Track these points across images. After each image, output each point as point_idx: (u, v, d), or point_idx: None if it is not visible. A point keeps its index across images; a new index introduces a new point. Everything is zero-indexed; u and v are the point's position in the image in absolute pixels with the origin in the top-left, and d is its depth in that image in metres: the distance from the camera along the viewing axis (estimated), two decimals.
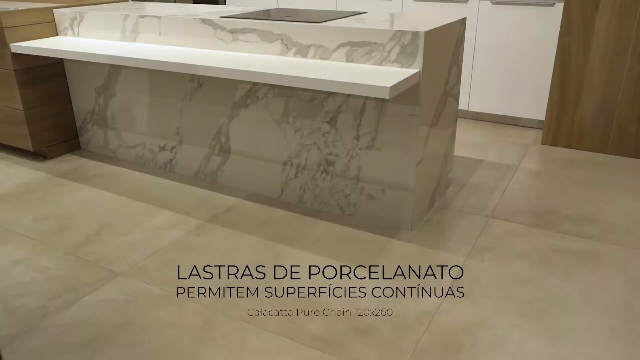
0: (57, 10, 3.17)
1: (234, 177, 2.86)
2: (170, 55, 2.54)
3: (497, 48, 3.66)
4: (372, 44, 2.19)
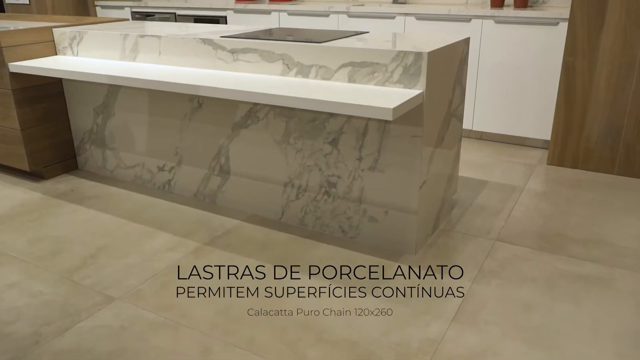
0: (56, 29, 3.19)
1: (234, 199, 2.84)
2: (170, 75, 2.54)
3: (501, 67, 3.66)
4: (374, 64, 2.19)
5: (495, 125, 3.82)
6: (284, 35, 2.67)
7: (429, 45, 2.24)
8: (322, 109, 2.01)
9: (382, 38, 2.54)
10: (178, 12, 4.93)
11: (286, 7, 4.34)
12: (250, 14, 4.52)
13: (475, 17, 3.64)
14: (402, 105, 1.95)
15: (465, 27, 3.69)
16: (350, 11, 4.06)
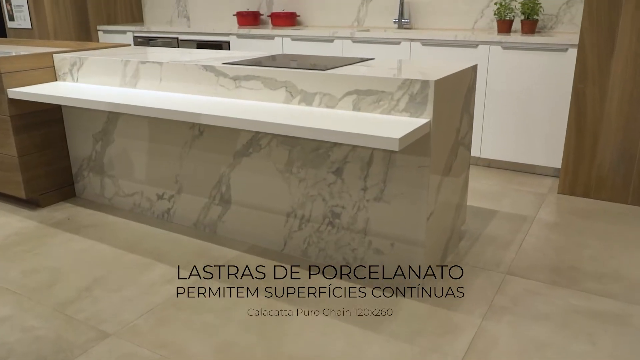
0: (57, 55, 3.20)
1: (235, 229, 2.81)
2: (171, 102, 2.53)
3: (509, 93, 3.65)
4: (380, 92, 2.17)
5: (503, 153, 3.78)
6: (288, 62, 2.66)
7: (435, 73, 2.22)
8: (326, 139, 1.99)
9: (387, 65, 2.52)
10: (181, 36, 4.96)
11: (290, 32, 4.36)
12: (253, 39, 4.54)
13: (482, 42, 3.64)
14: (408, 135, 1.92)
15: (472, 53, 3.69)
16: (355, 36, 4.08)
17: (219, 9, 5.40)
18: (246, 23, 4.95)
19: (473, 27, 4.19)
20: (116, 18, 5.69)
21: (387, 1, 4.50)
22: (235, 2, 5.27)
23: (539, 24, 3.90)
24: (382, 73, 2.25)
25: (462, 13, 4.21)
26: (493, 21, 4.09)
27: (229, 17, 5.29)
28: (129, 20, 5.83)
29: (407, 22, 4.41)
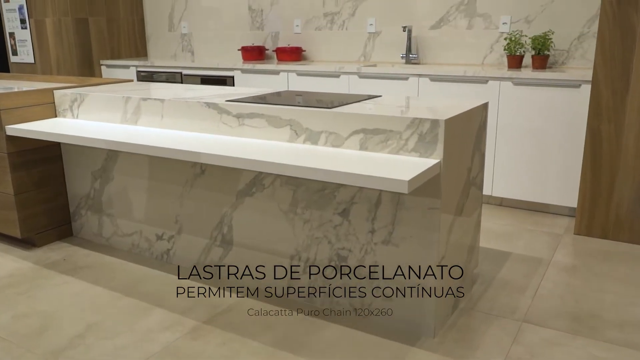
0: (57, 91, 3.20)
1: (237, 272, 2.74)
2: (172, 140, 2.50)
3: (520, 130, 3.61)
4: (388, 131, 2.13)
5: (516, 191, 3.73)
6: (293, 99, 2.64)
7: (445, 111, 2.19)
8: (332, 180, 1.94)
9: (395, 103, 2.50)
10: (184, 71, 4.98)
11: (295, 68, 4.36)
12: (258, 74, 4.55)
13: (493, 78, 3.63)
14: (418, 176, 1.87)
15: (482, 89, 3.67)
16: (362, 72, 4.07)
17: (223, 43, 5.45)
18: (251, 58, 4.98)
19: (482, 62, 4.19)
20: (120, 52, 5.75)
21: (394, 36, 4.52)
22: (240, 37, 5.31)
23: (550, 59, 3.89)
24: (390, 111, 2.22)
25: (471, 48, 4.21)
26: (503, 56, 4.09)
27: (234, 52, 5.33)
28: (133, 55, 5.88)
29: (415, 57, 4.41)
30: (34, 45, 5.58)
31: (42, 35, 5.48)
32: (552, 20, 3.87)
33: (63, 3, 5.23)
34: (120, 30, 5.73)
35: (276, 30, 5.11)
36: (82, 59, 5.40)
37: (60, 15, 5.28)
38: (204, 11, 5.53)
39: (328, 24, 4.81)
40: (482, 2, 4.10)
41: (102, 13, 5.52)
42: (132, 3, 5.80)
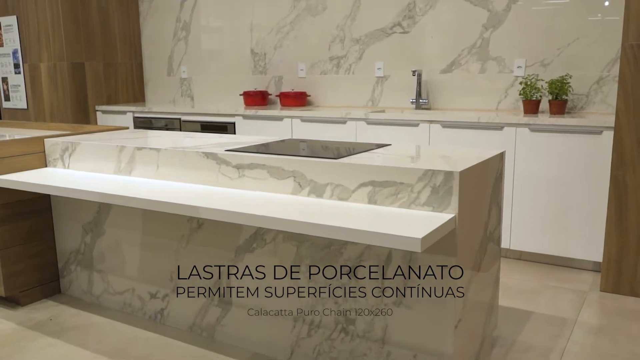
0: (48, 140, 3.19)
1: (236, 334, 2.67)
2: (168, 192, 2.47)
3: (539, 179, 3.57)
4: (398, 184, 2.09)
5: (536, 244, 3.66)
6: (296, 148, 2.62)
7: (460, 162, 2.16)
8: (339, 237, 1.90)
9: (406, 152, 2.47)
10: (183, 117, 5.01)
11: (299, 113, 4.38)
12: (260, 120, 4.57)
13: (508, 125, 3.62)
14: (432, 233, 1.83)
15: (497, 136, 3.65)
16: (370, 118, 4.08)
17: (224, 88, 5.50)
18: (253, 103, 5.01)
19: (497, 107, 4.19)
20: (117, 98, 5.80)
21: (403, 80, 4.54)
22: (242, 81, 5.36)
23: (568, 104, 3.88)
24: (401, 162, 2.19)
25: (485, 92, 4.22)
26: (518, 101, 4.09)
27: (235, 97, 5.37)
28: (130, 100, 5.94)
29: (426, 102, 4.42)
30: (27, 90, 5.65)
31: (36, 80, 5.55)
32: (569, 63, 3.88)
33: (59, 47, 5.32)
34: (118, 74, 5.80)
35: (280, 75, 5.16)
36: (77, 105, 5.45)
37: (56, 59, 5.36)
38: (205, 55, 5.61)
39: (334, 68, 4.85)
40: (495, 45, 4.14)
41: (99, 57, 5.61)
42: (131, 47, 5.90)
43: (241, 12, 5.28)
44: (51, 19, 5.29)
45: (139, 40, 5.95)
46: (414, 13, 4.41)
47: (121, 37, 5.79)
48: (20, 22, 5.51)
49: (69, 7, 5.29)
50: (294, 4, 4.96)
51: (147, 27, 5.92)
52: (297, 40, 5.01)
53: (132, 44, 5.90)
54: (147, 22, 5.91)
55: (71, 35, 5.33)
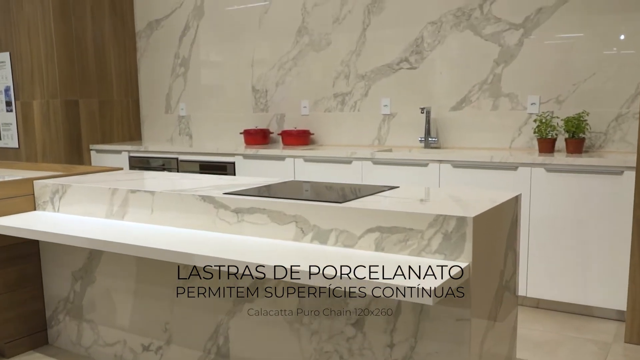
0: (37, 181, 3.18)
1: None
2: (162, 238, 2.44)
3: (556, 222, 3.53)
4: (407, 230, 2.05)
5: (554, 292, 3.59)
6: (299, 190, 2.60)
7: (473, 206, 2.12)
8: (344, 287, 1.85)
9: (415, 195, 2.44)
10: (181, 157, 5.01)
11: (302, 153, 4.37)
12: (261, 160, 4.56)
13: (523, 164, 3.59)
14: (444, 284, 1.78)
15: (511, 177, 3.62)
16: (376, 157, 4.06)
17: (224, 126, 5.52)
18: (254, 142, 5.01)
19: (510, 146, 4.17)
20: (112, 136, 5.82)
21: (411, 117, 4.54)
22: (243, 119, 5.38)
23: (586, 142, 3.86)
24: (410, 206, 2.15)
25: (497, 130, 4.21)
26: (533, 139, 4.07)
27: (236, 136, 5.38)
28: (126, 139, 5.96)
29: (435, 140, 4.41)
30: (19, 129, 5.67)
31: (28, 118, 5.58)
32: (585, 100, 3.87)
33: (52, 84, 5.36)
34: (113, 112, 5.84)
35: (282, 112, 5.17)
36: (70, 144, 5.47)
37: (49, 97, 5.40)
38: (204, 92, 5.64)
39: (338, 105, 4.86)
40: (507, 81, 4.14)
41: (94, 94, 5.65)
42: (127, 83, 5.95)
43: (242, 47, 5.33)
44: (45, 56, 5.34)
45: (135, 76, 6.00)
46: (422, 48, 4.44)
47: (117, 74, 5.84)
48: (13, 59, 5.57)
49: (63, 44, 5.35)
50: (296, 39, 5.00)
51: (145, 63, 5.98)
52: (300, 76, 5.04)
53: (128, 80, 5.95)
54: (144, 58, 5.97)
55: (65, 72, 5.38)
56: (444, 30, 4.34)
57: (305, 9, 4.94)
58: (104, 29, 5.70)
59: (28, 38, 5.44)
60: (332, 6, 4.80)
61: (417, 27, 4.44)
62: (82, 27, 5.51)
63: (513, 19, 4.08)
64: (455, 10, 4.28)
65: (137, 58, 6.00)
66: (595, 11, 3.81)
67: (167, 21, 5.77)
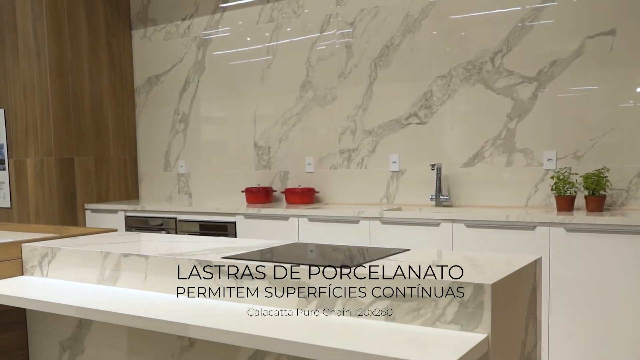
0: (25, 245, 3.12)
1: None
2: (156, 307, 2.37)
3: (578, 286, 3.44)
4: (420, 298, 1.97)
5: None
6: (302, 253, 2.54)
7: (490, 271, 2.05)
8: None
9: (427, 258, 2.37)
10: (180, 216, 4.97)
11: (307, 212, 4.32)
12: (264, 220, 4.51)
13: (541, 224, 3.53)
14: (462, 358, 1.69)
15: (529, 237, 3.55)
16: (385, 217, 4.01)
17: (225, 184, 5.50)
18: (256, 201, 4.97)
19: (526, 204, 4.12)
20: (108, 195, 5.80)
21: (421, 174, 4.50)
22: (245, 177, 5.36)
23: (607, 199, 3.80)
24: (422, 272, 2.08)
25: (512, 187, 4.16)
26: (550, 197, 4.01)
27: (237, 194, 5.34)
28: (123, 197, 5.94)
29: (447, 198, 4.36)
30: (11, 188, 5.66)
31: (22, 177, 5.57)
32: (605, 155, 3.84)
33: (47, 142, 5.37)
34: (110, 170, 5.83)
35: (285, 169, 5.15)
36: (65, 203, 5.44)
37: (44, 155, 5.40)
38: (205, 148, 5.65)
39: (345, 161, 4.84)
40: (521, 136, 4.12)
41: (90, 152, 5.65)
42: (125, 140, 5.97)
43: (244, 102, 5.36)
44: (40, 113, 5.38)
45: (134, 133, 6.03)
46: (431, 102, 4.43)
47: (115, 131, 5.86)
48: (7, 116, 5.60)
49: (59, 100, 5.40)
50: (300, 93, 5.03)
51: (143, 120, 6.01)
52: (305, 132, 5.03)
53: (126, 137, 5.97)
54: (143, 114, 6.01)
55: (61, 129, 5.41)
56: (454, 84, 4.34)
57: (310, 63, 4.98)
58: (102, 86, 5.76)
59: (24, 95, 5.49)
60: (337, 60, 4.84)
61: (426, 80, 4.45)
62: (80, 83, 5.57)
63: (526, 72, 4.08)
64: (465, 64, 4.30)
65: (136, 114, 6.04)
66: (610, 64, 3.82)
67: (167, 76, 5.83)
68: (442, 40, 4.41)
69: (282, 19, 5.14)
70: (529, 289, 2.26)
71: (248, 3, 5.31)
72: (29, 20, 5.36)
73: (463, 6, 4.31)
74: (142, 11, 5.99)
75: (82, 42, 5.62)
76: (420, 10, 4.47)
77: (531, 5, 4.06)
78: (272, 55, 5.19)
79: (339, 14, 4.85)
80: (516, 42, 4.12)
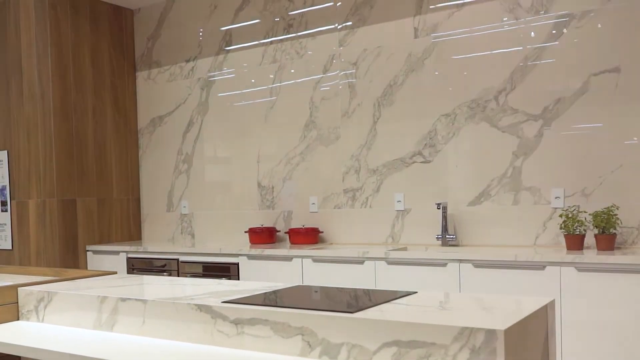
0: (22, 289, 3.03)
1: None
2: (153, 354, 2.27)
3: (592, 328, 3.32)
4: (429, 344, 1.86)
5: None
6: (306, 297, 2.43)
7: (502, 315, 1.94)
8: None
9: (435, 302, 2.26)
10: (182, 257, 4.87)
11: (311, 252, 4.22)
12: (267, 261, 4.42)
13: (551, 264, 3.42)
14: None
15: (538, 277, 3.44)
16: (390, 257, 3.90)
17: (228, 224, 5.41)
18: (260, 241, 4.88)
19: (534, 242, 4.01)
20: (110, 236, 5.72)
21: (426, 213, 4.41)
22: (248, 217, 5.27)
23: (617, 238, 3.69)
24: (431, 316, 1.98)
25: (520, 226, 4.06)
26: (559, 236, 3.91)
27: (240, 234, 5.24)
28: (125, 238, 5.85)
29: (453, 238, 4.26)
30: (13, 230, 5.58)
31: (23, 218, 5.50)
32: (614, 192, 3.75)
33: (50, 183, 5.31)
34: (112, 211, 5.76)
35: (289, 209, 5.07)
36: (66, 245, 5.36)
37: (46, 196, 5.34)
38: (208, 189, 5.58)
39: (349, 201, 4.76)
40: (528, 174, 4.03)
41: (93, 193, 5.59)
42: (128, 181, 5.90)
43: (247, 142, 5.31)
44: (44, 154, 5.33)
45: (137, 174, 5.97)
46: (436, 141, 4.37)
47: (118, 172, 5.81)
48: (10, 158, 5.55)
49: (63, 142, 5.35)
50: (304, 133, 4.97)
51: (147, 160, 5.96)
52: (308, 171, 4.97)
53: (129, 178, 5.91)
54: (146, 155, 5.96)
55: (64, 170, 5.35)
56: (459, 122, 4.28)
57: (313, 103, 4.94)
58: (105, 127, 5.72)
59: (27, 137, 5.45)
60: (340, 100, 4.80)
61: (430, 119, 4.40)
62: (83, 125, 5.54)
63: (531, 110, 4.03)
64: (469, 102, 4.24)
65: (139, 155, 5.99)
66: (615, 101, 3.76)
67: (171, 117, 5.80)
68: (445, 79, 4.37)
69: (286, 60, 5.12)
70: (543, 334, 2.14)
71: (251, 45, 5.30)
72: (34, 63, 5.35)
73: (465, 47, 4.28)
74: (146, 53, 5.99)
75: (87, 83, 5.61)
76: (423, 49, 4.43)
77: (532, 45, 4.02)
78: (275, 96, 5.16)
79: (341, 55, 4.82)
80: (520, 80, 4.07)
